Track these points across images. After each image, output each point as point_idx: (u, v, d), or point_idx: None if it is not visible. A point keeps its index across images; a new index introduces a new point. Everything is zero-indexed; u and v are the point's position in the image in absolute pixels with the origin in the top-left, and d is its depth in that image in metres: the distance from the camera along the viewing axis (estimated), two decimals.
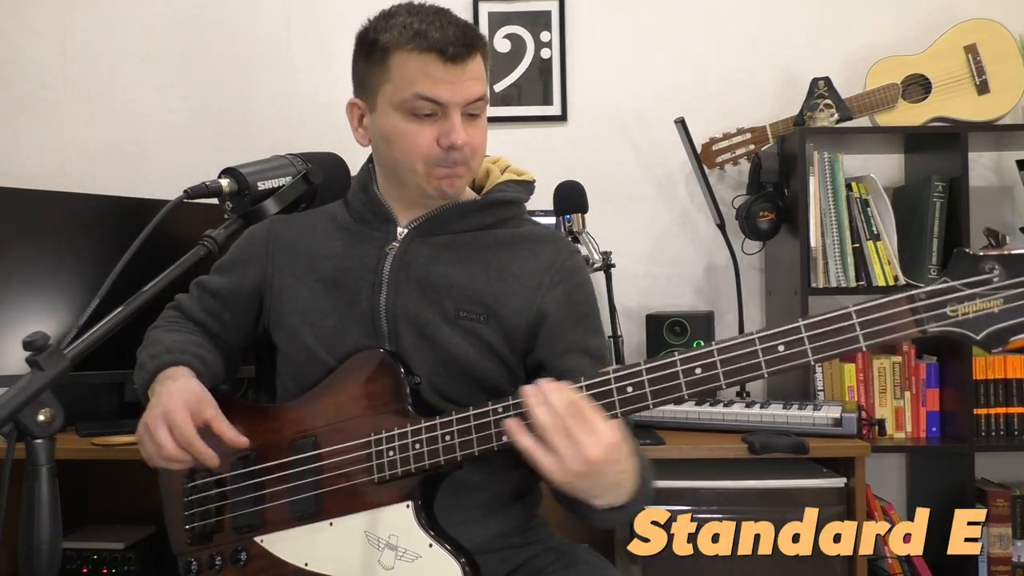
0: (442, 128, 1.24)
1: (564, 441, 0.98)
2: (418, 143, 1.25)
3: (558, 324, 1.30)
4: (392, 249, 1.32)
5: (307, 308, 1.33)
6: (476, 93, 1.25)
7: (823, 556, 1.92)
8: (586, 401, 1.01)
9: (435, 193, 1.29)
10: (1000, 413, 2.38)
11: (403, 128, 1.25)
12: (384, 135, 1.28)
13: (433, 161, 1.26)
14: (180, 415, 1.19)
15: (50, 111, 2.69)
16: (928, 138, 2.46)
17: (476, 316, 1.28)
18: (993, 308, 0.95)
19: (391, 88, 1.25)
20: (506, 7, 2.64)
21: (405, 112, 1.25)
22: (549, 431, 0.99)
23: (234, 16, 2.69)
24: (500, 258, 1.32)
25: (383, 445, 1.19)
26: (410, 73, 1.22)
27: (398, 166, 1.29)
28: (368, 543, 1.20)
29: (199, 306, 1.44)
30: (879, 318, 0.98)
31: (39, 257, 2.16)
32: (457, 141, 1.24)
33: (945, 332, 0.96)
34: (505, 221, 1.36)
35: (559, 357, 1.29)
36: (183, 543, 1.36)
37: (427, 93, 1.22)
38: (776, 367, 1.01)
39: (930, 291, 0.97)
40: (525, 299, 1.30)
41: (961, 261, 0.96)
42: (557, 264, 1.33)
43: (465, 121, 1.26)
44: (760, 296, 2.65)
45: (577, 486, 1.02)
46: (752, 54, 2.65)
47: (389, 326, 1.29)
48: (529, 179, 1.43)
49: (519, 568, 1.34)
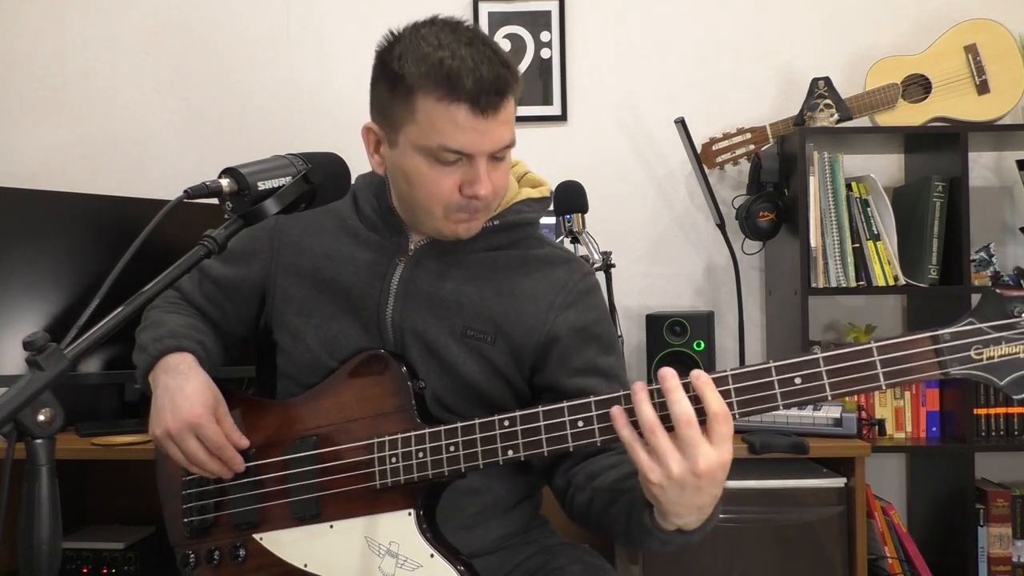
0: (466, 176, 1.19)
1: (668, 443, 0.94)
2: (440, 190, 1.19)
3: (569, 346, 1.28)
4: (402, 261, 1.30)
5: (311, 309, 1.32)
6: (504, 140, 1.19)
7: (823, 556, 1.92)
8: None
9: (450, 236, 1.26)
10: (1000, 413, 2.39)
11: (425, 172, 1.19)
12: (404, 174, 1.22)
13: (453, 207, 1.21)
14: (209, 427, 1.21)
15: (50, 111, 2.69)
16: (928, 138, 2.46)
17: (484, 336, 1.26)
18: (1019, 353, 0.91)
19: (416, 131, 1.18)
20: (506, 7, 2.64)
21: (428, 157, 1.18)
22: (656, 430, 0.95)
23: (234, 16, 2.69)
24: (512, 278, 1.30)
25: (386, 451, 1.18)
26: (438, 122, 1.15)
27: (416, 206, 1.25)
28: (368, 549, 1.19)
29: (199, 291, 1.42)
30: (900, 357, 0.94)
31: (39, 257, 2.16)
32: (481, 193, 1.19)
33: (968, 375, 0.92)
34: (520, 241, 1.34)
35: (568, 378, 1.27)
36: (181, 536, 1.35)
37: (454, 145, 1.16)
38: (792, 400, 0.97)
39: (955, 332, 0.92)
40: (536, 319, 1.28)
41: (989, 302, 0.92)
42: (569, 285, 1.30)
43: (489, 164, 1.20)
44: (760, 296, 2.65)
45: (668, 494, 0.96)
46: (752, 54, 2.65)
47: (395, 337, 1.28)
48: (546, 194, 1.39)
49: (519, 566, 1.34)
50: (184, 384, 1.24)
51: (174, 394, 1.23)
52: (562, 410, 1.06)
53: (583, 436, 1.05)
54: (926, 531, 2.48)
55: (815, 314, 2.46)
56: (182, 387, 1.23)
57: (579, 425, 1.05)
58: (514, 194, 1.35)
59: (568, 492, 1.24)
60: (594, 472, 1.19)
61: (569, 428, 1.06)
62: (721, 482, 0.98)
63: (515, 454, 1.09)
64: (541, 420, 1.07)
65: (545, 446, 1.07)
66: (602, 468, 1.19)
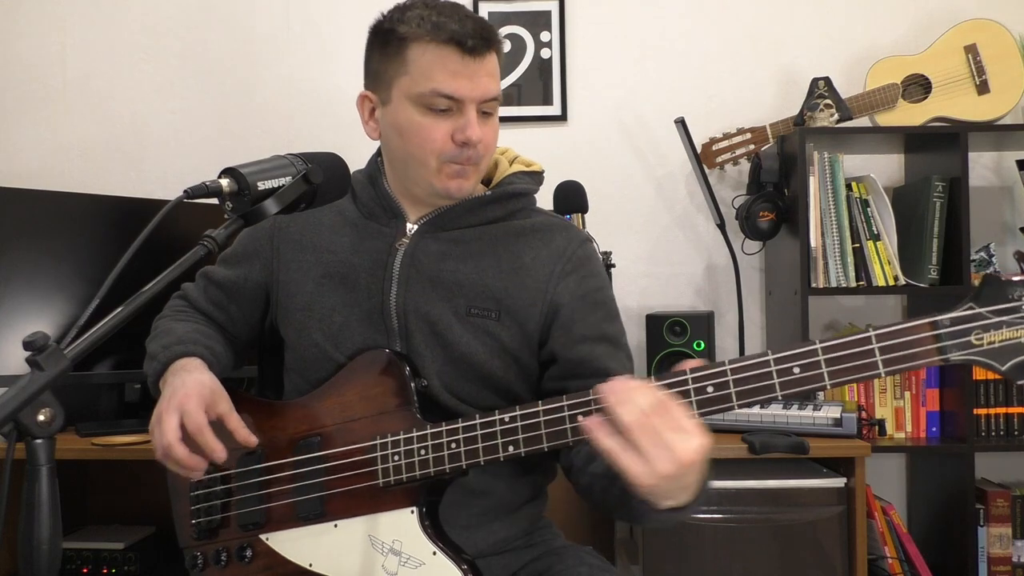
0: (457, 123, 1.24)
1: (652, 441, 0.90)
2: (433, 137, 1.25)
3: (571, 313, 1.29)
4: (402, 245, 1.31)
5: (314, 304, 1.33)
6: (492, 91, 1.26)
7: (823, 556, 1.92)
8: (671, 399, 0.92)
9: (443, 192, 1.28)
10: (1000, 413, 2.39)
11: (418, 121, 1.25)
12: (398, 128, 1.27)
13: (446, 156, 1.26)
14: (193, 404, 1.19)
15: (50, 111, 2.69)
16: (928, 138, 2.46)
17: (488, 313, 1.28)
18: (1021, 338, 0.89)
19: (408, 80, 1.25)
20: (506, 7, 2.64)
21: (421, 106, 1.24)
22: (636, 431, 0.90)
23: (234, 16, 2.69)
24: (511, 250, 1.31)
25: (388, 450, 1.19)
26: (428, 65, 1.23)
27: (410, 160, 1.28)
28: (372, 547, 1.19)
29: (205, 297, 1.43)
30: (899, 344, 0.92)
31: (39, 257, 2.16)
32: (472, 136, 1.24)
33: (968, 361, 0.91)
34: (515, 213, 1.36)
35: (574, 346, 1.27)
36: (189, 537, 1.36)
37: (445, 89, 1.22)
38: (790, 390, 0.96)
39: (954, 317, 0.91)
40: (537, 290, 1.29)
41: (989, 286, 0.90)
42: (568, 253, 1.32)
43: (479, 119, 1.26)
44: (760, 296, 2.65)
45: (663, 488, 0.94)
46: (752, 54, 2.65)
47: (400, 323, 1.28)
48: (538, 169, 1.42)
49: (522, 569, 1.34)
50: (186, 378, 1.25)
51: (175, 388, 1.24)
52: (562, 407, 1.07)
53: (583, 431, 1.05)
54: (926, 531, 2.48)
55: (815, 314, 2.46)
56: (184, 381, 1.24)
57: (579, 420, 1.06)
58: (505, 169, 1.39)
59: (572, 472, 1.26)
60: (591, 454, 1.19)
61: (569, 423, 1.07)
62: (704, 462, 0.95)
63: (516, 450, 1.10)
64: (541, 416, 1.08)
65: (545, 442, 1.08)
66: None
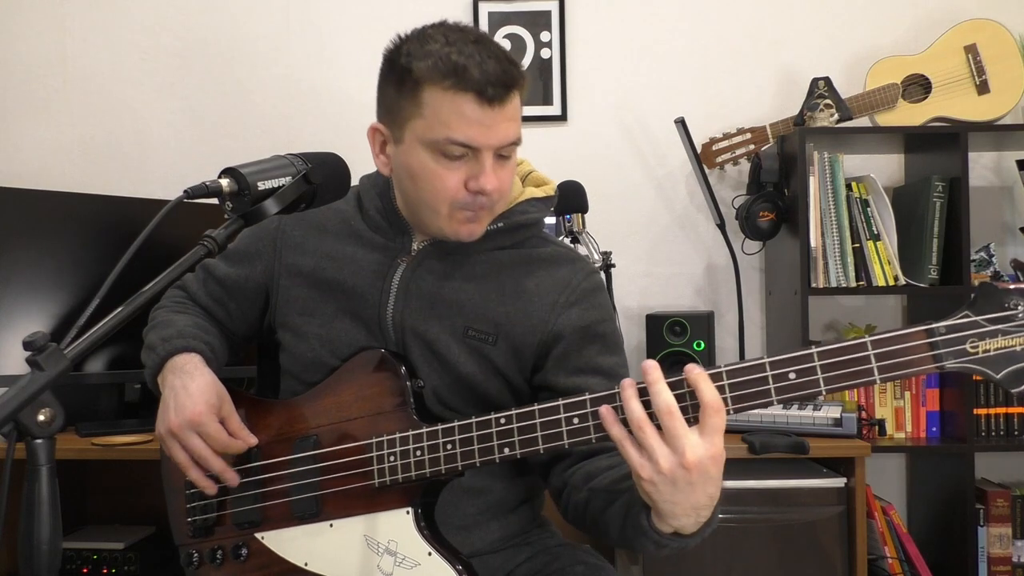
0: (472, 171, 1.19)
1: (656, 438, 0.94)
2: (446, 185, 1.19)
3: (570, 345, 1.27)
4: (404, 260, 1.30)
5: (313, 309, 1.33)
6: (511, 137, 1.20)
7: (823, 556, 1.92)
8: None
9: (453, 237, 1.25)
10: (1000, 413, 2.39)
11: (431, 168, 1.19)
12: (410, 171, 1.22)
13: (459, 204, 1.21)
14: (211, 425, 1.22)
15: (50, 111, 2.69)
16: (928, 138, 2.46)
17: (485, 337, 1.27)
18: (1016, 346, 0.89)
19: (422, 125, 1.18)
20: (506, 7, 2.64)
21: (435, 151, 1.19)
22: (643, 425, 0.95)
23: (234, 16, 2.69)
24: (516, 277, 1.30)
25: (384, 450, 1.18)
26: (444, 113, 1.16)
27: (421, 204, 1.24)
28: (367, 547, 1.19)
29: (204, 291, 1.43)
30: (895, 351, 0.92)
31: (39, 257, 2.16)
32: (487, 187, 1.18)
33: (964, 369, 0.91)
34: (524, 241, 1.34)
35: (568, 376, 1.26)
36: (185, 535, 1.36)
37: (460, 138, 1.16)
38: (786, 395, 0.97)
39: (950, 325, 0.91)
40: (539, 319, 1.27)
41: (985, 295, 0.90)
42: (573, 284, 1.30)
43: (495, 163, 1.20)
44: (760, 296, 2.65)
45: (661, 491, 0.95)
46: (752, 54, 2.65)
47: (396, 337, 1.28)
48: (551, 193, 1.38)
49: (520, 567, 1.34)
50: (189, 383, 1.24)
51: (178, 392, 1.24)
52: (558, 408, 1.06)
53: (578, 434, 1.05)
54: (926, 531, 2.48)
55: (815, 314, 2.46)
56: (186, 385, 1.24)
57: (574, 423, 1.05)
58: (518, 194, 1.34)
59: (564, 492, 1.24)
60: (592, 472, 1.19)
61: (565, 426, 1.06)
62: (715, 479, 0.97)
63: (511, 452, 1.09)
64: (537, 418, 1.08)
65: (541, 444, 1.07)
66: (600, 469, 1.19)
